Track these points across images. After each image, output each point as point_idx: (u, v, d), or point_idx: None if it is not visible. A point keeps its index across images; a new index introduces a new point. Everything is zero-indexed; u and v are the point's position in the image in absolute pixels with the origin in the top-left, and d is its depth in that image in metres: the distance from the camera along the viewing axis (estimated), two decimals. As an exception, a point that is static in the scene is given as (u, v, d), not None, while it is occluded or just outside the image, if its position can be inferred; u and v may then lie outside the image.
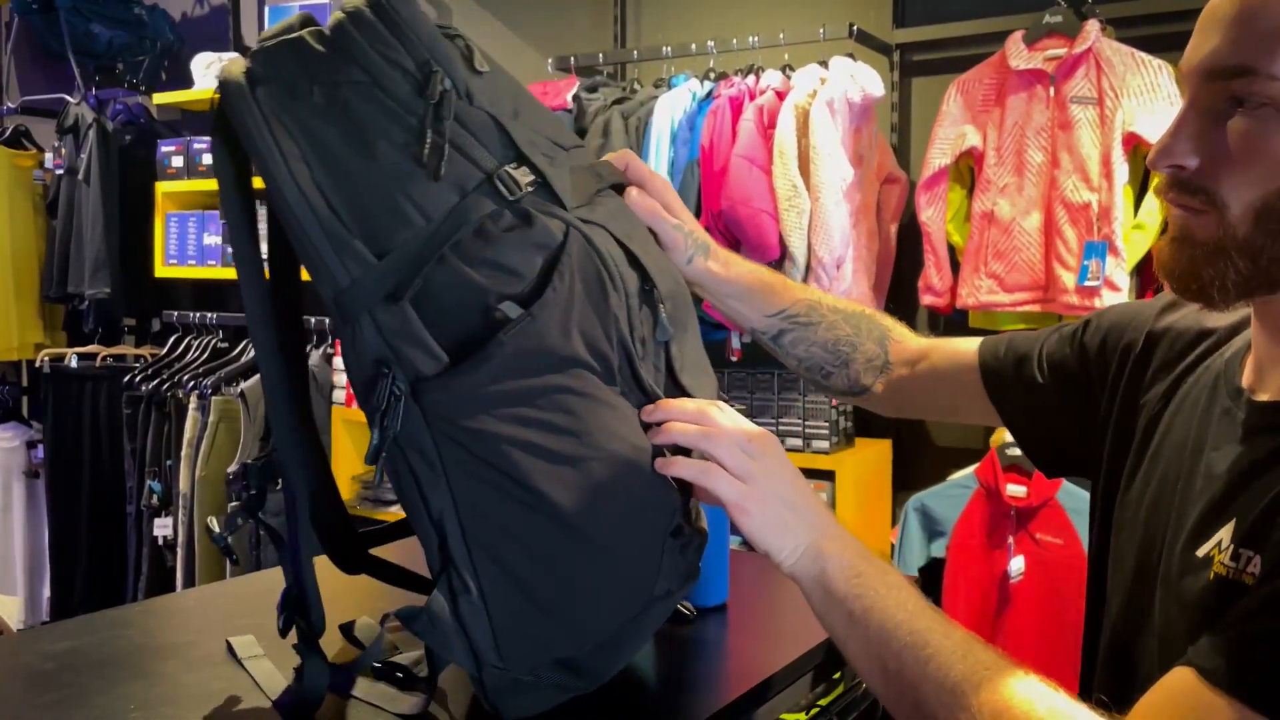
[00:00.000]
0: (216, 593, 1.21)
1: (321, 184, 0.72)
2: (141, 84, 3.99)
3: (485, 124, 0.75)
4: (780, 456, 0.82)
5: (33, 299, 4.02)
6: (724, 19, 3.06)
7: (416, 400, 0.71)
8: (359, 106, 0.73)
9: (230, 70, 0.74)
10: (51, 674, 0.88)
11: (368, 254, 0.71)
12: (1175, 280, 0.80)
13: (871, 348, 1.15)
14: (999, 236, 2.43)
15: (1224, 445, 0.81)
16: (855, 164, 2.53)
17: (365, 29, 0.73)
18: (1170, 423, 0.88)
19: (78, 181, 3.76)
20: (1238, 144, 0.75)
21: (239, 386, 3.31)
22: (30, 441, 4.09)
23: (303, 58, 0.74)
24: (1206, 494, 0.80)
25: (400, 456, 0.73)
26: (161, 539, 3.44)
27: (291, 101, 0.73)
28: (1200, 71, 0.77)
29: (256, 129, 0.72)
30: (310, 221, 0.71)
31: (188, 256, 3.70)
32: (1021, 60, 2.40)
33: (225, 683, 0.86)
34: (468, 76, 0.75)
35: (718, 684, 0.94)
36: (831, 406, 2.66)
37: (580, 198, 0.78)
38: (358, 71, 0.73)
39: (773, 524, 0.79)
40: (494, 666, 0.74)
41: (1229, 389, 0.83)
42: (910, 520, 2.55)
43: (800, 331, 1.13)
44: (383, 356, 0.71)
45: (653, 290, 0.81)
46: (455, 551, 0.73)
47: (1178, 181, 0.78)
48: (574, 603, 0.76)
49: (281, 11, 3.56)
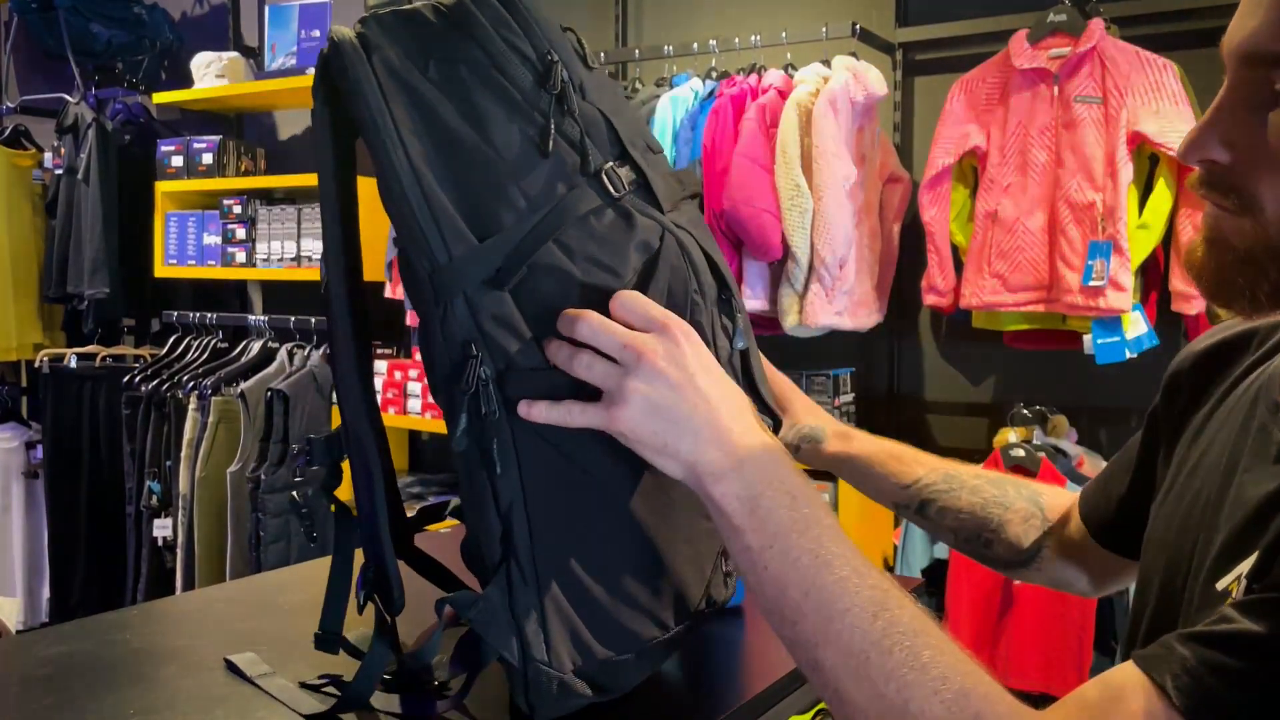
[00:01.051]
0: (215, 597, 1.19)
1: (431, 158, 0.71)
2: (141, 83, 3.98)
3: (595, 119, 0.75)
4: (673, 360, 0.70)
5: (32, 299, 4.02)
6: (726, 18, 3.05)
7: (500, 388, 0.71)
8: (476, 87, 0.71)
9: (343, 33, 0.72)
10: (48, 679, 0.86)
11: (470, 234, 0.70)
12: (1204, 286, 0.74)
13: (1024, 506, 1.06)
14: (1002, 236, 2.42)
15: (1256, 468, 0.75)
16: (858, 163, 2.52)
17: (488, 10, 0.72)
18: (1212, 438, 0.82)
19: (77, 181, 3.75)
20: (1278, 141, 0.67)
21: (239, 387, 3.30)
22: (29, 442, 4.08)
23: (418, 30, 0.72)
24: (1231, 522, 0.74)
25: (479, 442, 0.72)
26: (161, 540, 3.43)
27: (406, 73, 0.71)
28: (1240, 55, 0.69)
29: (372, 95, 0.70)
30: (416, 195, 0.70)
31: (187, 256, 3.69)
32: (1025, 59, 2.39)
33: (224, 688, 0.84)
34: (581, 70, 0.75)
35: (732, 683, 0.92)
36: (834, 407, 2.65)
37: (669, 202, 0.78)
38: (478, 51, 0.72)
39: (650, 443, 0.69)
40: (540, 663, 0.74)
41: (1267, 403, 0.77)
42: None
43: (943, 500, 1.05)
44: (472, 339, 0.70)
45: (731, 299, 0.81)
46: (519, 545, 0.72)
47: (1210, 177, 0.71)
48: (627, 610, 0.76)
49: (281, 11, 3.55)
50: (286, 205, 3.51)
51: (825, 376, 2.64)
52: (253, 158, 3.74)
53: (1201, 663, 0.61)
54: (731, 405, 0.71)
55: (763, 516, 0.68)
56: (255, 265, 3.54)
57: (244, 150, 3.72)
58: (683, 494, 0.76)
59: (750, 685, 0.88)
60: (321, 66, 0.74)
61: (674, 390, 0.69)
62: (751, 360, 0.83)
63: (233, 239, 3.58)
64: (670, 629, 0.79)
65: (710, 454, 0.69)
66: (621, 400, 0.69)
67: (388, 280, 3.23)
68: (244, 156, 3.71)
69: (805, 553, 0.67)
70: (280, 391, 3.25)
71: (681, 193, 0.81)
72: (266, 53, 3.60)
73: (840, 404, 2.67)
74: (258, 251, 3.53)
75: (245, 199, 3.56)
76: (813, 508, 0.69)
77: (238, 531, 3.26)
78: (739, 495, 0.69)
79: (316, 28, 3.47)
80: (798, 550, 0.67)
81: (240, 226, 3.56)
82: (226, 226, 3.58)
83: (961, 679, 0.63)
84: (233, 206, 3.57)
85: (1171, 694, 0.61)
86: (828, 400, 2.64)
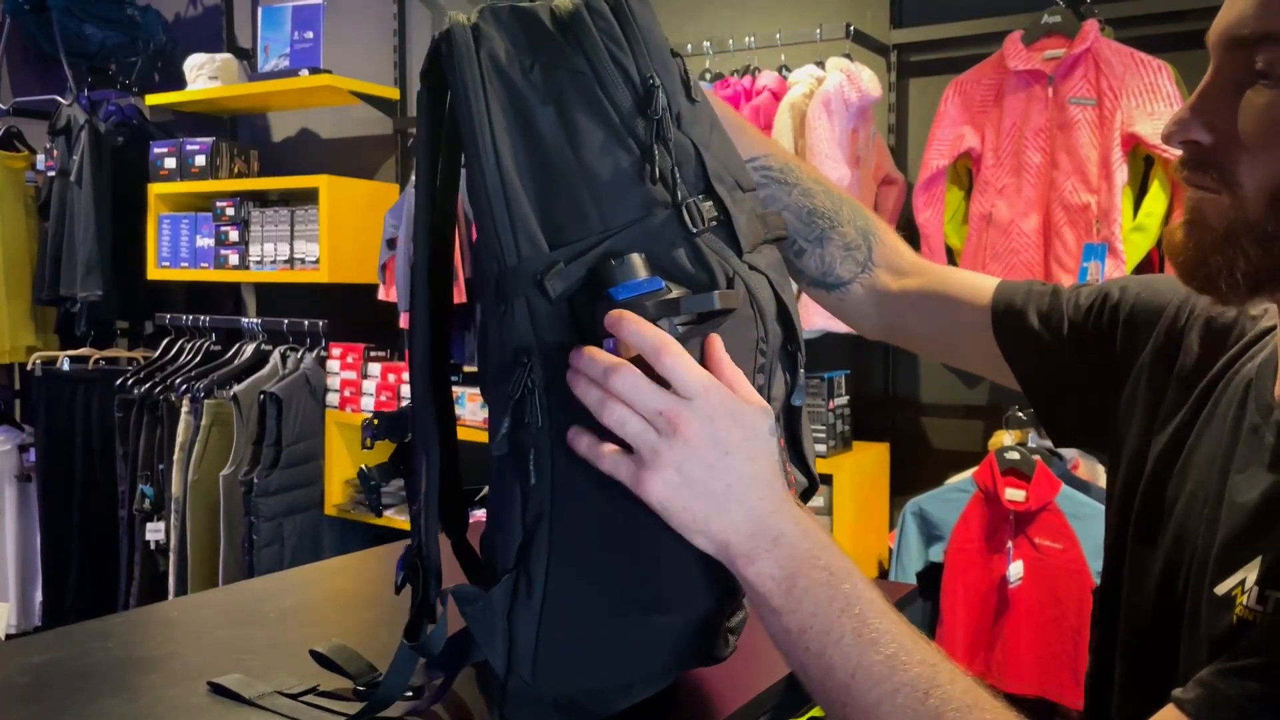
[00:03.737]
0: (199, 604, 1.18)
1: (519, 160, 0.70)
2: (134, 85, 3.98)
3: (687, 150, 0.74)
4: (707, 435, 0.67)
5: (25, 301, 4.01)
6: (721, 19, 3.04)
7: (546, 400, 0.70)
8: (573, 97, 0.71)
9: (459, 19, 0.72)
10: (29, 688, 0.86)
11: (542, 240, 0.70)
12: (1181, 268, 0.74)
13: (852, 234, 1.01)
14: (997, 238, 2.41)
15: (1250, 468, 0.74)
16: (852, 165, 2.51)
17: (601, 21, 0.71)
18: (1201, 433, 0.81)
19: (70, 183, 3.74)
20: (1257, 119, 0.68)
21: (232, 389, 3.29)
22: (22, 445, 4.07)
23: (531, 31, 0.72)
24: (1228, 526, 0.74)
25: (517, 450, 0.71)
26: (154, 543, 3.42)
27: (511, 70, 0.71)
28: (1224, 40, 0.70)
29: (474, 88, 0.70)
30: (497, 191, 0.70)
31: (180, 259, 3.68)
32: (1020, 61, 2.39)
33: (204, 698, 0.83)
34: (683, 101, 0.74)
35: (726, 688, 0.91)
36: (829, 410, 2.64)
37: (751, 243, 0.76)
38: (582, 62, 0.71)
39: (680, 517, 0.67)
40: (523, 679, 0.73)
41: (1259, 403, 0.76)
42: (908, 524, 2.53)
43: (774, 189, 0.99)
44: (525, 346, 0.70)
45: (796, 353, 0.79)
46: (535, 557, 0.71)
47: (1191, 158, 0.72)
48: (628, 651, 0.74)
49: (274, 12, 3.54)
50: (280, 207, 3.50)
51: (820, 379, 2.63)
52: (246, 160, 3.73)
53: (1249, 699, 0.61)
54: (765, 481, 0.69)
55: (799, 596, 0.66)
56: (248, 268, 3.53)
57: (237, 152, 3.71)
58: None
59: (741, 692, 0.87)
60: (433, 52, 0.74)
61: (707, 468, 0.67)
62: (800, 417, 0.81)
63: (226, 241, 3.57)
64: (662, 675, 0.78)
65: (743, 534, 0.68)
66: (654, 468, 0.67)
67: (380, 283, 3.23)
68: (237, 158, 3.70)
69: (849, 632, 0.65)
70: (273, 394, 3.24)
71: (765, 234, 0.79)
72: (260, 54, 3.59)
73: (835, 406, 2.66)
74: (251, 254, 3.52)
75: (238, 201, 3.54)
76: (853, 583, 0.67)
77: (230, 535, 3.25)
78: (773, 576, 0.67)
79: (309, 29, 3.46)
80: (840, 629, 0.65)
81: (233, 229, 3.55)
82: (219, 229, 3.57)
83: None
84: (226, 209, 3.55)
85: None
86: (822, 403, 2.63)
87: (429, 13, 3.62)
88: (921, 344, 1.10)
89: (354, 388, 3.34)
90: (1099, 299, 0.95)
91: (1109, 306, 0.94)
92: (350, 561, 1.35)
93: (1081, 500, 2.34)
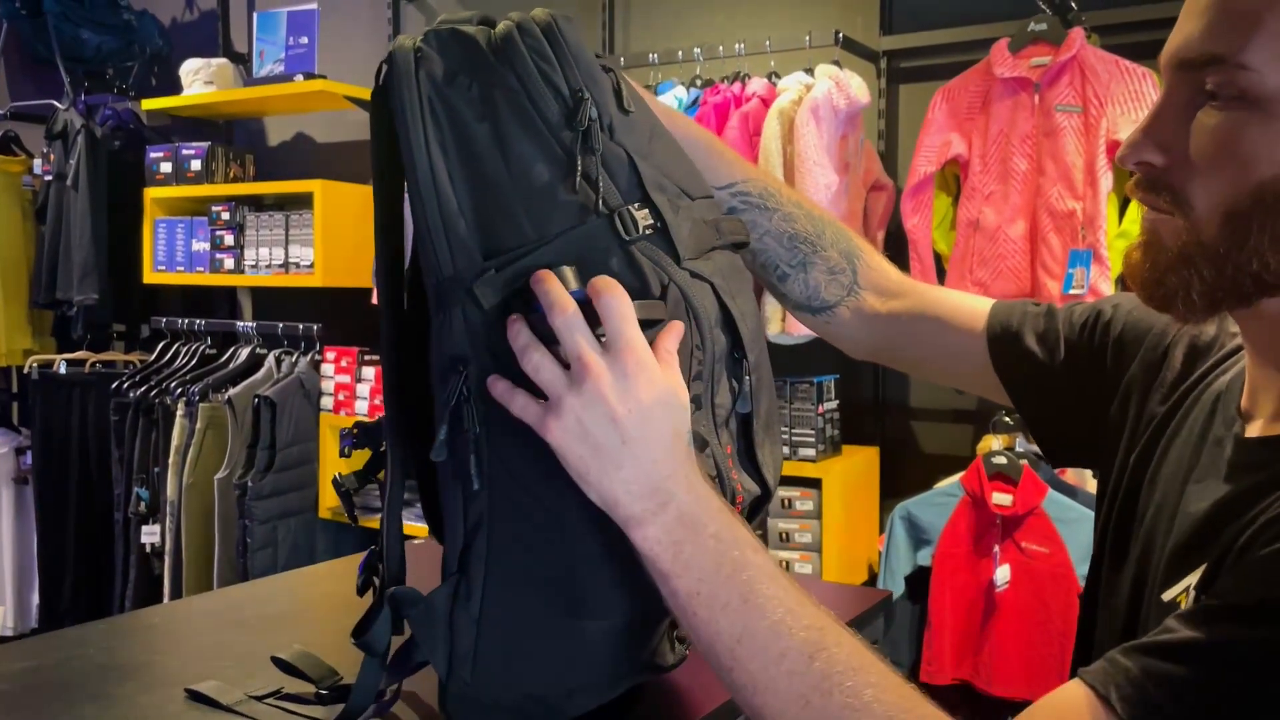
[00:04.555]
0: (182, 611, 1.20)
1: (454, 174, 0.73)
2: (130, 90, 3.99)
3: (620, 159, 0.75)
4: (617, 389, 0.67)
5: (21, 305, 4.02)
6: (712, 26, 3.06)
7: (487, 405, 0.71)
8: (506, 112, 0.73)
9: (402, 43, 0.75)
10: (7, 695, 0.87)
11: (476, 251, 0.72)
12: (1140, 288, 0.75)
13: (835, 257, 1.02)
14: (984, 244, 2.43)
15: (1207, 479, 0.75)
16: (841, 171, 2.52)
17: (530, 40, 0.74)
18: (1170, 444, 0.82)
19: (66, 187, 3.76)
20: (1205, 140, 0.69)
21: (227, 393, 3.31)
22: (19, 448, 4.08)
23: (469, 51, 0.74)
24: (1179, 532, 0.75)
25: (456, 456, 0.73)
26: (149, 546, 3.43)
27: (448, 89, 0.74)
28: (1174, 61, 0.72)
29: (410, 106, 0.73)
30: (433, 204, 0.72)
31: (176, 263, 3.69)
32: (1006, 68, 2.40)
33: (179, 705, 0.85)
34: (614, 111, 0.76)
35: (696, 691, 0.93)
36: (818, 414, 2.65)
37: (694, 250, 0.77)
38: (513, 79, 0.73)
39: (574, 464, 0.68)
40: (463, 681, 0.75)
41: (1224, 415, 0.78)
42: (896, 528, 2.55)
43: (753, 215, 0.99)
44: (461, 355, 0.72)
45: (742, 360, 0.80)
46: (474, 564, 0.73)
47: (1145, 179, 0.73)
48: (568, 653, 0.76)
49: (269, 18, 3.56)
50: (275, 212, 3.51)
51: (809, 384, 2.65)
52: (241, 164, 3.75)
53: (1144, 673, 0.62)
54: (664, 446, 0.69)
55: (686, 561, 0.67)
56: (244, 271, 3.54)
57: (233, 156, 3.72)
58: None
59: (712, 697, 0.88)
60: (379, 73, 0.76)
61: (609, 422, 0.67)
62: (755, 426, 0.82)
63: (221, 245, 3.58)
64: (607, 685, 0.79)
65: (633, 494, 0.68)
66: (557, 413, 0.68)
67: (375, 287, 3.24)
68: (233, 163, 3.71)
69: (735, 598, 0.66)
70: (268, 398, 3.25)
71: (717, 240, 0.80)
72: (255, 59, 3.61)
73: (824, 411, 2.67)
74: (246, 258, 3.54)
75: (234, 205, 3.56)
76: (741, 550, 0.68)
77: (225, 538, 3.26)
78: (660, 540, 0.68)
79: (304, 34, 3.48)
80: (726, 596, 0.66)
81: (229, 233, 3.57)
82: (215, 233, 3.59)
83: (905, 712, 0.63)
84: (221, 213, 3.57)
85: (1116, 706, 0.61)
86: (812, 407, 2.64)
87: (423, 18, 3.64)
88: (912, 365, 1.10)
89: (348, 391, 3.36)
90: (1092, 317, 0.96)
91: (1101, 325, 0.95)
92: (335, 567, 1.36)
93: (1067, 504, 2.36)
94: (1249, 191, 0.67)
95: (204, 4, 4.10)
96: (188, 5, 4.15)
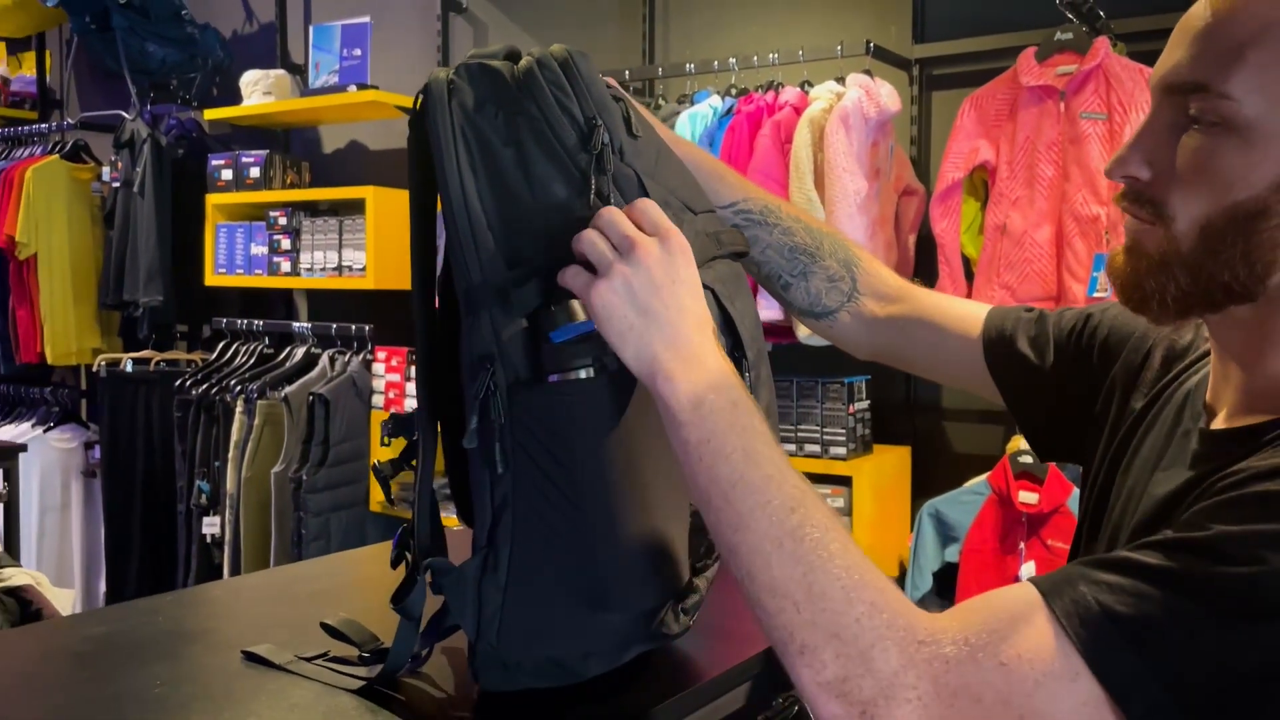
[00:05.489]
0: (241, 586, 1.31)
1: (482, 191, 0.82)
2: (194, 100, 4.15)
3: (630, 179, 0.85)
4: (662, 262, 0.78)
5: (91, 306, 4.19)
6: (749, 36, 3.14)
7: (510, 399, 0.81)
8: (528, 137, 0.82)
9: (437, 75, 0.85)
10: (86, 655, 0.98)
11: (501, 262, 0.81)
12: (1120, 290, 0.82)
13: (834, 266, 1.10)
14: (1011, 248, 2.48)
15: (1172, 468, 0.82)
16: (872, 177, 2.59)
17: (549, 74, 0.83)
18: (1142, 439, 0.89)
19: (133, 194, 3.92)
20: (1188, 160, 0.76)
21: (283, 391, 3.44)
22: (88, 443, 4.25)
23: (495, 83, 0.84)
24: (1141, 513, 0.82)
25: (485, 443, 0.82)
26: (209, 537, 3.57)
27: (478, 116, 0.83)
28: (1162, 85, 0.78)
29: (444, 131, 0.83)
30: (463, 218, 0.82)
31: (235, 265, 3.84)
32: (1032, 77, 2.45)
33: (237, 665, 0.95)
34: (624, 136, 0.85)
35: (691, 663, 1.01)
36: (849, 414, 2.72)
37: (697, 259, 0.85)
38: (534, 108, 0.83)
39: (616, 323, 0.77)
40: (490, 644, 0.84)
41: (1193, 410, 0.85)
42: (924, 525, 2.61)
43: (755, 230, 1.07)
44: (488, 354, 0.80)
45: (741, 359, 0.90)
46: (501, 539, 0.83)
47: (1131, 192, 0.80)
48: (582, 623, 0.85)
49: (324, 30, 3.70)
50: (329, 217, 3.65)
51: (840, 384, 2.72)
52: (298, 171, 3.89)
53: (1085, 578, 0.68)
54: (697, 319, 0.79)
55: (704, 415, 0.75)
56: (299, 274, 3.68)
57: (289, 164, 3.86)
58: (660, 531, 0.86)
59: (709, 667, 0.97)
60: (415, 101, 0.86)
61: (653, 287, 0.77)
62: None
63: (278, 249, 3.72)
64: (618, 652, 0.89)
65: (666, 353, 0.76)
66: (605, 277, 0.77)
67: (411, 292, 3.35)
68: (289, 170, 3.86)
69: (737, 450, 0.74)
70: (321, 396, 3.39)
71: (717, 250, 0.89)
72: (311, 70, 3.75)
73: (855, 411, 2.74)
74: (301, 261, 3.67)
75: (290, 211, 3.70)
76: (750, 417, 0.76)
77: (281, 529, 3.40)
78: (686, 394, 0.75)
79: (357, 46, 3.61)
80: (731, 447, 0.74)
81: (285, 237, 3.71)
82: (272, 237, 3.73)
83: (862, 573, 0.70)
84: (278, 218, 3.71)
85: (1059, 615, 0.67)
86: (843, 407, 2.71)
87: (471, 29, 3.76)
88: (912, 365, 1.18)
89: (398, 389, 3.48)
90: (1081, 322, 1.04)
91: (1089, 329, 1.02)
92: (379, 551, 1.46)
93: (1092, 503, 2.40)
94: (1225, 209, 0.75)
95: (263, 17, 4.25)
96: (248, 18, 4.31)
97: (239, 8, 4.32)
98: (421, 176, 0.88)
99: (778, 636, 0.70)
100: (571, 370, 0.80)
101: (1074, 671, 0.66)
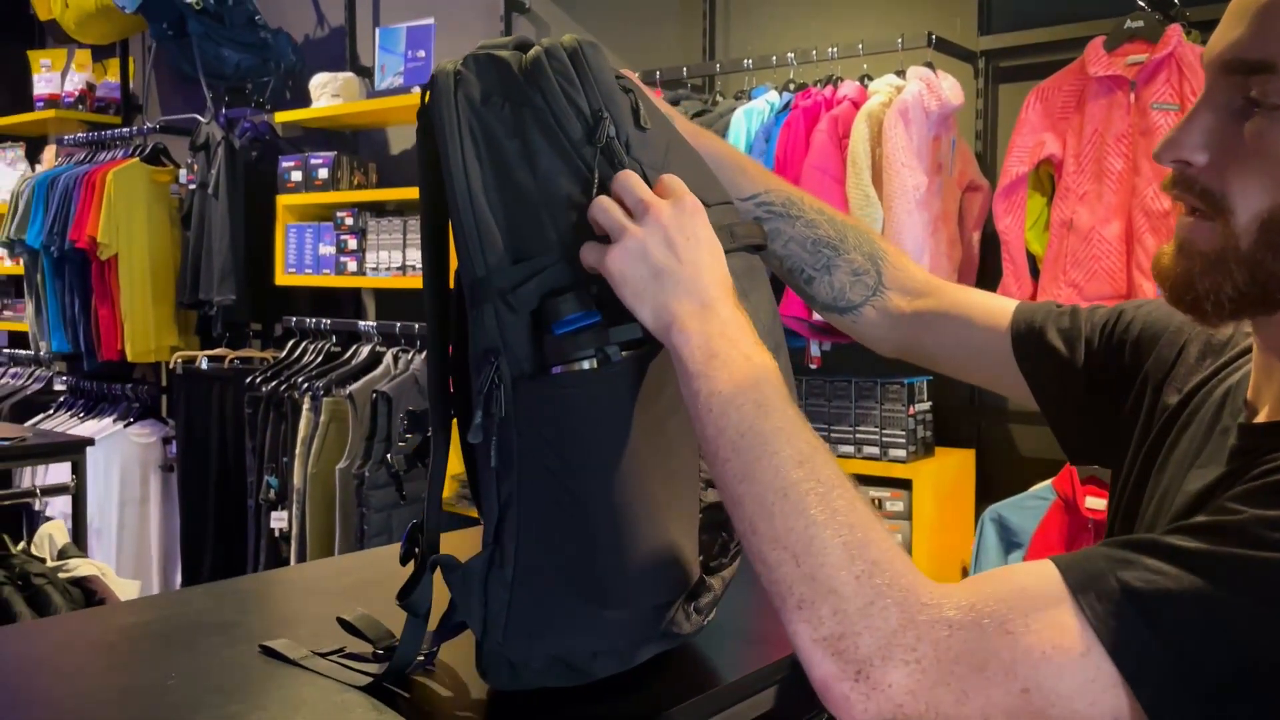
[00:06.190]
0: (274, 579, 1.32)
1: (487, 184, 0.81)
2: (266, 103, 4.24)
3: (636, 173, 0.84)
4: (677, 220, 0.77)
5: (169, 305, 4.32)
6: (808, 30, 3.09)
7: (514, 393, 0.80)
8: (533, 130, 0.81)
9: (444, 67, 0.84)
10: (112, 645, 1.00)
11: (506, 255, 0.80)
12: (1170, 290, 0.77)
13: (859, 260, 1.07)
14: (1078, 245, 2.40)
15: (1209, 465, 0.79)
16: (934, 172, 2.53)
17: (556, 65, 0.82)
18: (1179, 436, 0.86)
19: (208, 195, 4.02)
20: (1251, 146, 0.70)
21: (348, 389, 3.50)
22: (165, 438, 4.38)
23: (502, 74, 0.83)
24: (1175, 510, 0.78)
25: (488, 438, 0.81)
26: (277, 531, 3.65)
27: (483, 108, 0.82)
28: (1219, 63, 0.73)
29: (449, 123, 0.82)
30: (468, 211, 0.81)
31: (305, 265, 3.92)
32: (1101, 67, 2.37)
33: (252, 658, 0.96)
34: (631, 129, 0.84)
35: (714, 662, 0.99)
36: (909, 415, 2.66)
37: None
38: (540, 99, 0.81)
39: (632, 284, 0.76)
40: (496, 641, 0.83)
41: (1233, 407, 0.81)
42: (987, 530, 2.54)
43: (777, 223, 1.05)
44: (493, 347, 0.79)
45: None
46: (507, 535, 0.82)
47: (1183, 178, 0.75)
48: (587, 620, 0.84)
49: (390, 33, 3.75)
50: (394, 217, 3.70)
51: (900, 385, 2.66)
52: (365, 172, 3.95)
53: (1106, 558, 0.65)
54: (715, 276, 0.77)
55: (717, 367, 0.73)
56: (365, 274, 3.74)
57: (357, 165, 3.93)
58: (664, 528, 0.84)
59: (730, 669, 0.95)
60: (423, 94, 0.86)
61: (668, 246, 0.76)
62: None
63: (345, 249, 3.78)
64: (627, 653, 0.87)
65: (681, 306, 0.75)
66: (619, 241, 0.76)
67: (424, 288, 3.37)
68: (357, 171, 3.92)
69: (749, 402, 0.72)
70: (384, 393, 3.43)
71: (730, 244, 0.87)
72: (377, 73, 3.80)
73: (915, 412, 2.68)
74: (368, 261, 3.73)
75: (357, 211, 3.76)
76: (764, 373, 0.74)
77: (345, 525, 3.45)
78: (700, 346, 0.74)
79: (421, 48, 3.65)
80: (742, 399, 0.72)
81: (352, 237, 3.77)
82: (340, 237, 3.79)
83: (866, 530, 0.68)
84: (345, 218, 3.77)
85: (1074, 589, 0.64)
86: (902, 409, 2.65)
87: (534, 29, 3.77)
88: (938, 362, 1.15)
89: (460, 388, 3.50)
90: (1113, 317, 0.99)
91: (1122, 325, 0.98)
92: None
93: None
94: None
95: (333, 20, 4.33)
96: (319, 22, 4.39)
97: (310, 11, 4.40)
98: (430, 170, 0.87)
99: (777, 590, 0.68)
100: (574, 361, 0.78)
101: (1085, 646, 0.63)
